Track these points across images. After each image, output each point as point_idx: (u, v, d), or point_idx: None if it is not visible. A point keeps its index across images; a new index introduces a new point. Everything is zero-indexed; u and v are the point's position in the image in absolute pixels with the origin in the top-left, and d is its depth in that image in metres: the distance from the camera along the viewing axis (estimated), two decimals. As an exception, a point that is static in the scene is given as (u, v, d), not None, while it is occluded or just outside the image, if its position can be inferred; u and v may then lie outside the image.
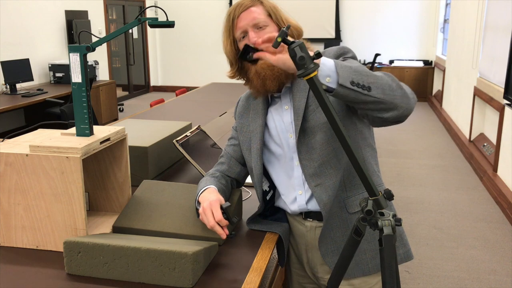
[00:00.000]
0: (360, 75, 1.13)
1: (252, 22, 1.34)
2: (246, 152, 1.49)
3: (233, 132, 1.58)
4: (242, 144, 1.51)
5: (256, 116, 1.47)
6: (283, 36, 1.07)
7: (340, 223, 1.40)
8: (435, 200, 4.20)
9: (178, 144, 1.95)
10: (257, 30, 1.34)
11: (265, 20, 1.34)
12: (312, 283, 1.56)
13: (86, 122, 1.41)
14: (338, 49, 1.36)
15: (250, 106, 1.50)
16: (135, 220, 1.47)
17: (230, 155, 1.56)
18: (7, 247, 1.39)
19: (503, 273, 3.00)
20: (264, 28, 1.34)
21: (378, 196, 1.07)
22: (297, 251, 1.54)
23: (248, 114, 1.51)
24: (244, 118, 1.52)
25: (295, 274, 1.60)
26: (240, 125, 1.53)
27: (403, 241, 1.46)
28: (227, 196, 1.48)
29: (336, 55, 1.34)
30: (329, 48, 1.39)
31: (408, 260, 1.46)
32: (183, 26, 10.07)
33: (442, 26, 8.80)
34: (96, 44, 1.39)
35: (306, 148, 1.36)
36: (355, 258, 1.41)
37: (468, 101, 5.85)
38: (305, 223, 1.46)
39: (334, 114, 1.06)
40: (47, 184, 1.33)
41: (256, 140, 1.45)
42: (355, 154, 1.07)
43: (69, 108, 4.66)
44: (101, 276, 1.22)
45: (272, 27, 1.35)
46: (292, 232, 1.53)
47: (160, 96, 9.20)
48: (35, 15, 6.56)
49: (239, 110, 1.55)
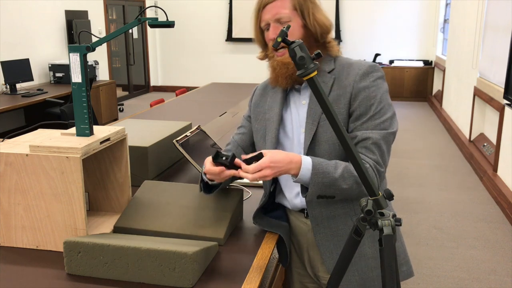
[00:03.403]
0: (328, 189, 1.28)
1: (275, 17, 1.34)
2: (260, 141, 1.48)
3: (244, 121, 1.57)
4: (257, 132, 1.50)
5: (274, 105, 1.46)
6: (283, 36, 1.07)
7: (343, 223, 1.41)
8: (435, 200, 4.20)
9: (178, 144, 1.95)
10: (278, 25, 1.34)
11: (289, 15, 1.34)
12: (313, 282, 1.56)
13: (86, 122, 1.41)
14: (369, 67, 1.35)
15: (268, 94, 1.50)
16: (136, 220, 1.47)
17: (237, 144, 1.55)
18: (7, 247, 1.39)
19: (503, 273, 3.00)
20: (287, 23, 1.34)
21: (378, 196, 1.07)
22: (298, 250, 1.54)
23: (265, 103, 1.50)
24: (261, 107, 1.51)
25: (296, 273, 1.60)
26: (255, 113, 1.51)
27: (406, 258, 1.48)
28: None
29: (364, 74, 1.34)
30: (359, 62, 1.38)
31: (410, 277, 1.47)
32: (183, 26, 10.07)
33: (442, 26, 8.80)
34: (96, 44, 1.39)
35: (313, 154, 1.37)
36: (362, 276, 1.42)
37: (468, 101, 5.85)
38: (307, 222, 1.46)
39: (334, 114, 1.07)
40: (47, 184, 1.33)
41: (272, 129, 1.44)
42: (355, 154, 1.07)
43: (69, 108, 4.65)
44: (101, 276, 1.22)
45: (295, 23, 1.34)
46: (293, 230, 1.53)
47: (160, 96, 9.20)
48: (35, 15, 6.56)
49: (255, 99, 1.54)
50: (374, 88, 1.33)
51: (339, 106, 1.34)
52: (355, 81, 1.33)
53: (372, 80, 1.34)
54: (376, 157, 1.30)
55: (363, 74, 1.34)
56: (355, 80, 1.33)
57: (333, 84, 1.36)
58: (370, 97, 1.32)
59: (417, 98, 9.06)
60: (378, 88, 1.33)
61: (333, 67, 1.38)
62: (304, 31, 1.36)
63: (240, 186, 1.93)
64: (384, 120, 1.32)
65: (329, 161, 1.31)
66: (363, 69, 1.35)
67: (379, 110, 1.32)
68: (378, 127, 1.31)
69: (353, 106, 1.33)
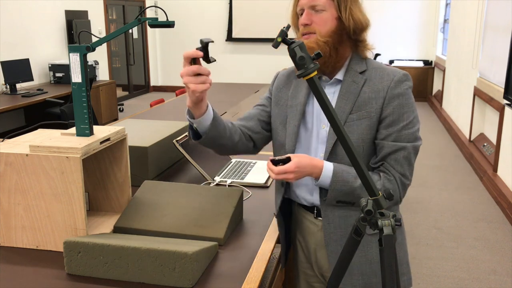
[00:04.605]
0: (347, 197, 1.32)
1: (310, 3, 1.33)
2: (280, 126, 1.46)
3: (264, 100, 1.53)
4: (276, 117, 1.47)
5: (298, 94, 1.44)
6: (283, 36, 1.07)
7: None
8: (435, 200, 4.20)
9: (178, 144, 1.95)
10: (312, 12, 1.33)
11: (324, 4, 1.32)
12: (319, 282, 1.56)
13: (86, 122, 1.41)
14: (403, 75, 1.35)
15: (292, 82, 1.48)
16: (136, 220, 1.47)
17: (253, 114, 1.50)
18: (7, 247, 1.39)
19: (503, 273, 3.00)
20: (321, 12, 1.33)
21: (378, 196, 1.07)
22: (306, 250, 1.53)
23: (289, 90, 1.47)
24: (283, 92, 1.48)
25: (302, 273, 1.59)
26: (277, 97, 1.49)
27: (408, 268, 1.48)
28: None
29: (399, 81, 1.33)
30: (392, 67, 1.37)
31: (409, 287, 1.47)
32: (183, 26, 10.07)
33: (442, 26, 8.80)
34: (96, 44, 1.39)
35: (334, 156, 1.36)
36: (366, 281, 1.41)
37: (468, 101, 5.85)
38: (316, 222, 1.45)
39: (334, 114, 1.06)
40: (47, 184, 1.33)
41: (295, 116, 1.42)
42: (355, 154, 1.07)
43: (69, 108, 4.65)
44: (101, 276, 1.22)
45: (329, 13, 1.33)
46: (302, 230, 1.52)
47: (160, 96, 9.20)
48: (35, 15, 6.56)
49: (278, 83, 1.51)
50: (407, 96, 1.33)
51: (370, 109, 1.33)
52: (390, 87, 1.32)
53: (406, 88, 1.34)
54: (403, 170, 1.33)
55: (398, 80, 1.33)
56: (389, 86, 1.33)
57: (364, 85, 1.35)
58: (403, 104, 1.32)
59: (417, 98, 9.06)
60: (410, 97, 1.34)
61: (365, 69, 1.37)
62: (338, 23, 1.34)
63: (240, 186, 1.93)
64: (416, 130, 1.33)
65: (352, 169, 1.31)
66: (398, 76, 1.34)
67: (411, 119, 1.32)
68: (411, 137, 1.32)
69: (386, 111, 1.32)
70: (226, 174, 2.04)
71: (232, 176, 2.02)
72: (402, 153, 1.32)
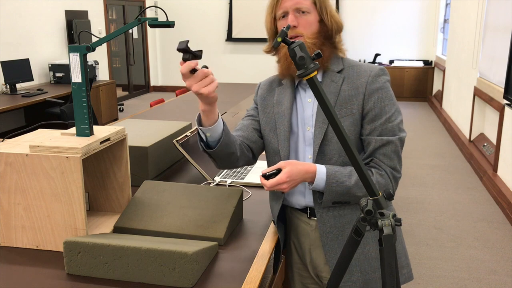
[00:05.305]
0: (343, 197, 1.33)
1: (295, 6, 1.36)
2: (270, 133, 1.47)
3: (252, 111, 1.54)
4: (265, 125, 1.49)
5: (283, 99, 1.45)
6: (283, 36, 1.07)
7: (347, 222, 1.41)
8: (435, 200, 4.20)
9: (178, 144, 1.95)
10: (297, 15, 1.36)
11: (308, 6, 1.36)
12: (315, 283, 1.56)
13: (86, 122, 1.41)
14: (380, 69, 1.38)
15: (275, 90, 1.50)
16: (136, 220, 1.47)
17: (247, 125, 1.51)
18: (7, 247, 1.39)
19: (503, 273, 3.00)
20: (306, 14, 1.36)
21: (378, 196, 1.08)
22: (300, 251, 1.54)
23: (273, 97, 1.49)
24: (268, 100, 1.50)
25: (297, 274, 1.59)
26: (263, 106, 1.51)
27: (407, 261, 1.48)
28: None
29: (376, 75, 1.36)
30: (366, 64, 1.41)
31: (409, 280, 1.48)
32: (183, 26, 10.07)
33: (442, 26, 8.80)
34: (96, 44, 1.39)
35: (322, 156, 1.37)
36: (365, 277, 1.42)
37: (468, 101, 5.85)
38: (310, 222, 1.46)
39: (334, 114, 1.07)
40: (47, 184, 1.33)
41: (284, 122, 1.43)
42: (355, 154, 1.07)
43: (69, 108, 4.65)
44: (101, 276, 1.22)
45: (313, 16, 1.37)
46: (296, 232, 1.53)
47: (160, 96, 9.21)
48: (35, 15, 6.56)
49: (261, 93, 1.53)
50: (386, 90, 1.36)
51: (352, 106, 1.35)
52: (368, 82, 1.35)
53: (383, 82, 1.37)
54: (394, 164, 1.34)
55: (375, 75, 1.36)
56: (367, 82, 1.36)
57: (342, 83, 1.37)
58: (383, 98, 1.35)
59: (417, 98, 9.06)
60: (389, 90, 1.37)
61: (342, 67, 1.40)
62: (320, 26, 1.38)
63: (240, 186, 1.93)
64: (399, 122, 1.36)
65: (344, 169, 1.33)
66: (375, 71, 1.37)
67: (393, 112, 1.35)
68: (395, 129, 1.34)
69: (367, 106, 1.35)
70: (226, 174, 2.04)
71: (232, 176, 2.02)
72: (390, 147, 1.33)
